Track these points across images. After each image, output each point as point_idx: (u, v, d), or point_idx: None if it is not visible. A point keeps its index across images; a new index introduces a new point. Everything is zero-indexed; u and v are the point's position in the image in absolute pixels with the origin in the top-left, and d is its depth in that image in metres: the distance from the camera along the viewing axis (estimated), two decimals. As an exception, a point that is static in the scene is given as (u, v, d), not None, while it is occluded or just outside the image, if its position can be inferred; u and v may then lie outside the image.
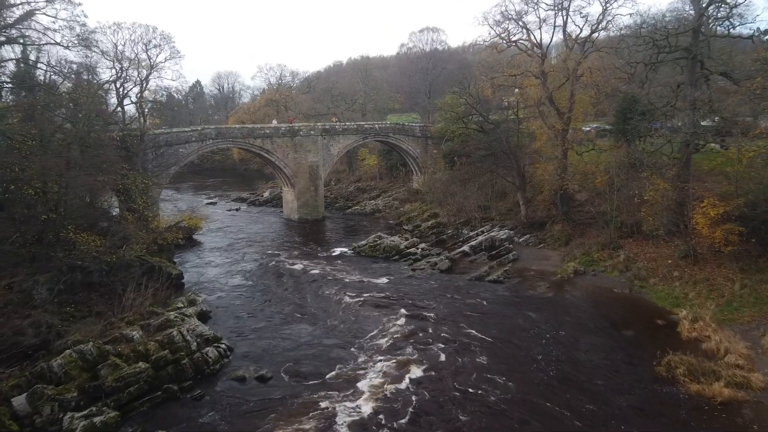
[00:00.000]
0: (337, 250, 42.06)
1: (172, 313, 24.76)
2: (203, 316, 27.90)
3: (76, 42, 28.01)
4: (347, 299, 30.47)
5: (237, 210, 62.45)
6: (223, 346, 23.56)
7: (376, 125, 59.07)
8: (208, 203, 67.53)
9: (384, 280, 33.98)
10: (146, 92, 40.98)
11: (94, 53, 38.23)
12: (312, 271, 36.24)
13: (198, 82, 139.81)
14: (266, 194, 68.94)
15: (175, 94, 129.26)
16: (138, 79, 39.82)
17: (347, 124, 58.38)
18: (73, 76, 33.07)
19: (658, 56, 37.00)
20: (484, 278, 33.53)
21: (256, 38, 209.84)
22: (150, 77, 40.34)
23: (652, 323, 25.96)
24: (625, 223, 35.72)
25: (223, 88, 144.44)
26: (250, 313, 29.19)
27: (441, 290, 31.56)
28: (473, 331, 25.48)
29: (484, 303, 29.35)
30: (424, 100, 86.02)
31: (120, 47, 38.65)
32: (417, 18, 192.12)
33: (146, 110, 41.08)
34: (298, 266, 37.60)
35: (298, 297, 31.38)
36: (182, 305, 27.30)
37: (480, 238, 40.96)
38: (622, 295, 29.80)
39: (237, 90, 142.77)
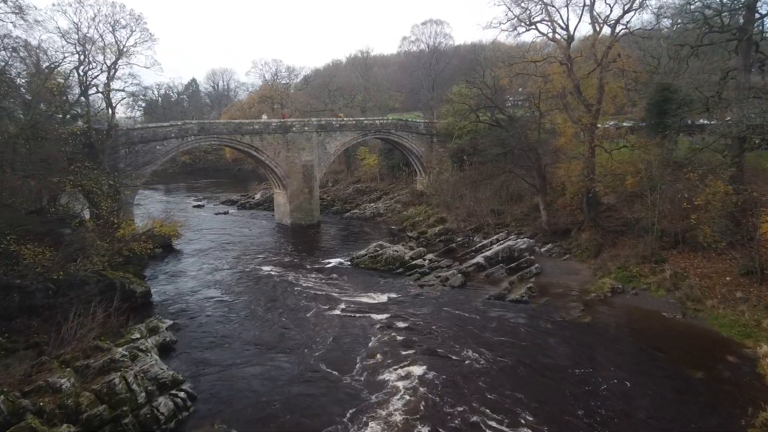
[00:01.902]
0: (333, 261, 36.93)
1: (120, 349, 19.57)
2: (166, 348, 22.84)
3: (8, 10, 22.87)
4: (342, 325, 25.35)
5: (225, 214, 57.34)
6: (182, 394, 18.43)
7: (377, 121, 53.91)
8: (194, 206, 62.49)
9: (386, 299, 28.85)
10: (115, 81, 35.83)
11: (51, 33, 33.30)
12: (303, 288, 31.12)
13: (194, 80, 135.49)
14: (258, 196, 63.90)
15: (170, 93, 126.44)
16: (104, 65, 34.64)
17: (345, 119, 53.22)
18: (18, 56, 27.91)
19: (703, 38, 32.00)
20: (505, 297, 28.42)
21: (253, 36, 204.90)
22: (119, 63, 35.14)
23: (722, 360, 20.82)
24: (667, 231, 30.63)
25: (218, 86, 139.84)
26: (225, 342, 24.12)
27: (455, 314, 26.38)
28: (503, 379, 20.33)
29: (509, 331, 24.19)
30: (427, 97, 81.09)
31: (84, 29, 33.57)
32: (418, 14, 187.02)
33: (114, 101, 35.80)
34: (287, 281, 32.49)
35: (284, 320, 26.26)
36: (139, 335, 22.12)
37: (496, 247, 35.81)
38: (675, 321, 24.64)
39: (232, 87, 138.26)
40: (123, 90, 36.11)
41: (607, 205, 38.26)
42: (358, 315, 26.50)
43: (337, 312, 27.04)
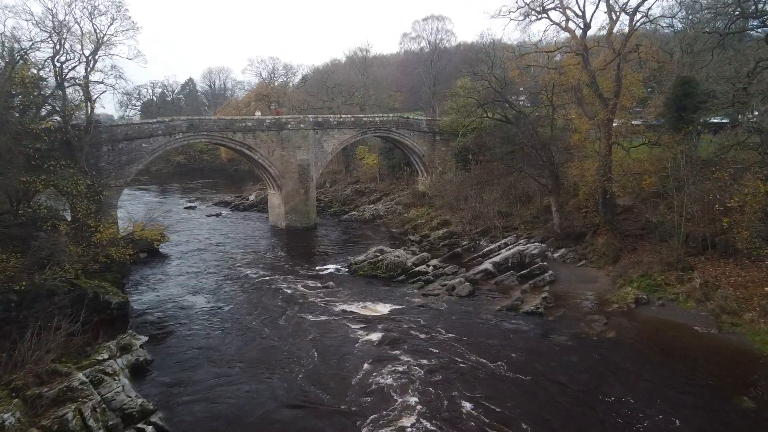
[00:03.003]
0: (330, 267, 34.32)
1: (80, 374, 16.91)
2: (139, 369, 20.22)
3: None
4: (338, 341, 22.74)
5: (217, 216, 54.68)
6: (150, 428, 15.80)
7: (377, 118, 51.25)
8: (186, 208, 59.84)
9: (387, 311, 26.22)
10: (96, 73, 33.17)
11: (24, 20, 30.72)
12: (296, 298, 28.51)
13: (191, 80, 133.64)
14: (252, 197, 61.30)
15: (166, 92, 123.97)
16: (82, 55, 31.98)
17: (343, 116, 50.56)
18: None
19: (731, 25, 29.42)
20: (519, 309, 25.81)
21: (250, 34, 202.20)
22: (98, 54, 32.46)
23: (771, 385, 18.26)
24: (693, 235, 28.05)
25: (214, 85, 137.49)
26: (208, 359, 21.54)
27: (464, 329, 23.72)
28: (523, 409, 17.72)
29: (525, 349, 21.55)
30: (428, 95, 78.52)
31: (60, 15, 30.95)
32: (419, 12, 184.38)
33: (94, 94, 33.09)
34: (280, 290, 29.88)
35: (274, 335, 23.63)
36: (108, 355, 19.50)
37: (505, 252, 33.21)
38: (710, 337, 22.04)
39: (230, 87, 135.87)
40: (102, 82, 33.12)
41: (623, 207, 35.73)
42: (355, 330, 23.87)
43: (333, 326, 24.42)
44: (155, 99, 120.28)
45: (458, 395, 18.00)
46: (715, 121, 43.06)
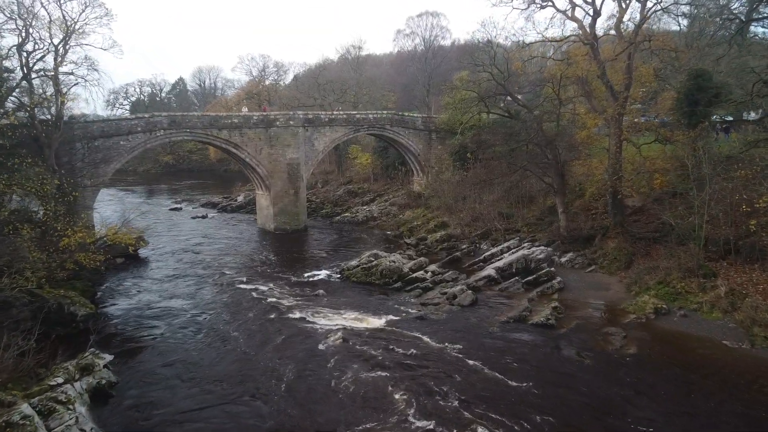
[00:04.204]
0: (320, 273, 31.94)
1: (24, 405, 14.44)
2: (101, 394, 17.72)
3: None
4: (326, 358, 20.35)
5: (203, 218, 52.12)
6: (104, 470, 13.39)
7: (370, 115, 48.87)
8: (171, 209, 57.23)
9: (383, 323, 23.85)
10: (68, 65, 30.65)
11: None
12: (283, 307, 26.10)
13: (181, 80, 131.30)
14: (240, 198, 58.83)
15: (156, 92, 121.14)
16: (51, 44, 29.43)
17: (335, 113, 48.16)
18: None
19: (753, 12, 27.39)
20: (527, 320, 23.53)
21: (240, 33, 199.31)
22: (69, 43, 29.95)
23: (821, 410, 16.05)
24: (713, 239, 25.88)
25: (204, 84, 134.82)
26: (182, 380, 19.12)
27: (469, 344, 21.37)
28: None
29: (539, 368, 19.26)
30: (423, 93, 76.22)
31: (27, 1, 28.47)
32: (414, 10, 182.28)
33: (65, 87, 30.51)
34: (266, 298, 27.47)
35: (256, 351, 21.25)
36: (65, 378, 17.01)
37: (508, 257, 30.95)
38: (742, 353, 19.84)
39: (220, 86, 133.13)
40: (72, 73, 30.54)
41: (633, 208, 33.59)
42: (348, 346, 21.49)
43: (323, 340, 22.03)
44: (144, 98, 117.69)
45: (468, 419, 15.67)
46: (725, 119, 41.11)
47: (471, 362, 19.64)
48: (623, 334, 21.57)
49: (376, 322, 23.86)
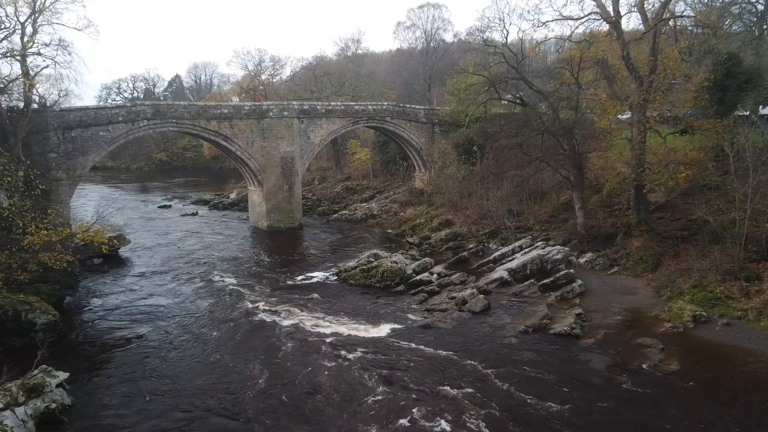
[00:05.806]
0: (316, 275, 29.16)
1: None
2: (51, 420, 14.92)
3: None
4: (318, 373, 17.58)
5: (193, 215, 49.28)
6: None
7: (370, 106, 45.97)
8: (160, 206, 54.35)
9: (384, 332, 21.05)
10: (40, 46, 27.85)
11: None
12: (273, 313, 23.30)
13: (177, 77, 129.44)
14: (233, 195, 56.00)
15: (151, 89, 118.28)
16: (17, 21, 26.63)
17: (332, 104, 45.25)
18: None
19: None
20: (548, 329, 20.75)
21: (237, 28, 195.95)
22: (38, 21, 27.16)
23: None
24: (754, 237, 23.11)
25: (200, 80, 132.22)
26: (150, 401, 16.32)
27: (484, 358, 18.55)
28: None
29: (567, 387, 16.46)
30: (424, 87, 73.49)
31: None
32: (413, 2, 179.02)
33: (33, 70, 27.70)
34: (255, 303, 24.65)
35: (240, 364, 18.45)
36: (5, 402, 14.22)
37: (521, 257, 28.17)
38: (803, 368, 17.11)
39: (216, 82, 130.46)
40: (40, 53, 27.70)
41: (656, 204, 30.82)
42: (346, 360, 18.70)
43: (317, 353, 19.25)
44: (139, 94, 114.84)
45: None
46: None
47: (488, 381, 16.86)
48: (660, 346, 18.78)
49: (376, 331, 21.08)
